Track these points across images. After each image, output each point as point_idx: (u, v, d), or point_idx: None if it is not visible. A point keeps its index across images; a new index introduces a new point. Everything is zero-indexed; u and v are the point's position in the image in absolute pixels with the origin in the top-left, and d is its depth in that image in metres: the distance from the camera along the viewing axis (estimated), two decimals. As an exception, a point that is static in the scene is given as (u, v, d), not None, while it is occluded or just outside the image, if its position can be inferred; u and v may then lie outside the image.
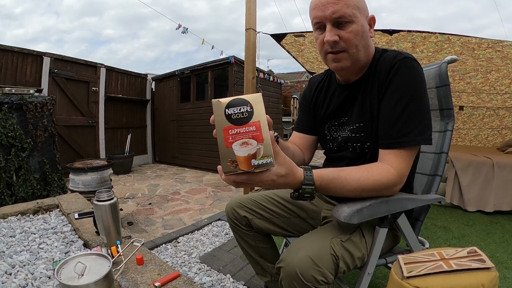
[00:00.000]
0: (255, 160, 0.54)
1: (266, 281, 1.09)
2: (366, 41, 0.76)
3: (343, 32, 0.73)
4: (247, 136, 0.53)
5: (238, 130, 0.54)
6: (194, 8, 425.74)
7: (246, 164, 0.54)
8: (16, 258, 1.05)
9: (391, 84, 0.73)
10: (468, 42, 2.15)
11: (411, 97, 0.70)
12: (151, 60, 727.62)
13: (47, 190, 2.41)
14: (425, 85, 0.73)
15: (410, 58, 0.73)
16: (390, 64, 0.74)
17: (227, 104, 0.54)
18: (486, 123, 3.59)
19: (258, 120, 0.54)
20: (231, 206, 1.05)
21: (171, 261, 1.66)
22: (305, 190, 0.63)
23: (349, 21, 0.72)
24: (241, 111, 0.54)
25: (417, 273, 0.54)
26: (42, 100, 2.40)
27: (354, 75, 0.83)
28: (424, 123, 0.71)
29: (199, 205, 2.84)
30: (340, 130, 0.88)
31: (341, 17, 0.71)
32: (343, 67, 0.78)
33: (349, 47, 0.74)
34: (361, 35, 0.74)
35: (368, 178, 0.68)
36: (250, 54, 2.24)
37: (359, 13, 0.73)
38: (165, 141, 5.60)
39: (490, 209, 2.44)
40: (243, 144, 0.53)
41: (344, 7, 0.70)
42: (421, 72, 0.73)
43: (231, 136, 0.53)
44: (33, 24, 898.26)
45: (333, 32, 0.73)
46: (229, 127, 0.54)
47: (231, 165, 0.54)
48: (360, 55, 0.76)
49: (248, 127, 0.54)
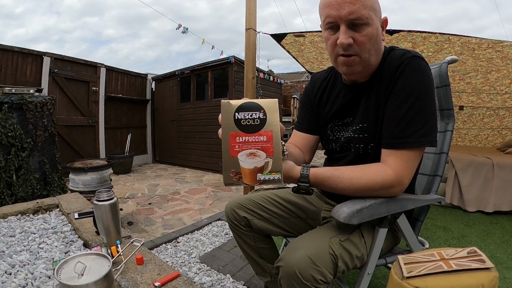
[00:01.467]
0: (262, 174, 0.49)
1: (266, 281, 1.09)
2: (379, 45, 0.73)
3: (358, 35, 0.69)
4: (256, 147, 0.48)
5: (247, 139, 0.48)
6: (195, 8, 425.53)
7: (250, 178, 0.49)
8: (16, 258, 1.05)
9: (398, 83, 0.71)
10: (468, 42, 2.15)
11: (417, 97, 0.68)
12: (151, 60, 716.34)
13: (47, 190, 2.41)
14: (432, 85, 0.71)
15: (418, 56, 0.71)
16: (397, 62, 0.72)
17: (237, 107, 0.49)
18: (486, 123, 3.59)
19: (270, 129, 0.49)
20: (230, 207, 1.04)
21: (171, 261, 1.66)
22: (301, 187, 0.68)
23: (365, 23, 0.68)
24: (252, 117, 0.48)
25: (417, 273, 0.54)
26: (42, 100, 2.39)
27: (363, 78, 0.81)
28: (429, 124, 0.69)
29: (199, 205, 2.84)
30: (343, 130, 0.87)
31: (358, 18, 0.67)
32: (354, 72, 0.75)
33: (362, 52, 0.71)
34: (375, 38, 0.71)
35: (361, 177, 0.68)
36: (250, 54, 2.24)
37: (374, 15, 0.70)
38: (165, 141, 5.60)
39: (490, 209, 2.44)
40: (251, 155, 0.48)
41: (362, 8, 0.66)
42: (429, 72, 0.71)
43: (238, 144, 0.48)
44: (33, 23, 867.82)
45: (348, 34, 0.68)
46: (237, 133, 0.48)
47: (234, 177, 0.49)
48: (372, 59, 0.74)
49: (258, 136, 0.48)
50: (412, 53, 0.72)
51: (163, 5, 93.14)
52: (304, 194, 0.71)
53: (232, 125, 0.48)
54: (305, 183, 0.68)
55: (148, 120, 5.73)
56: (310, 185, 0.69)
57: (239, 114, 0.48)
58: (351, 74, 0.77)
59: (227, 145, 0.48)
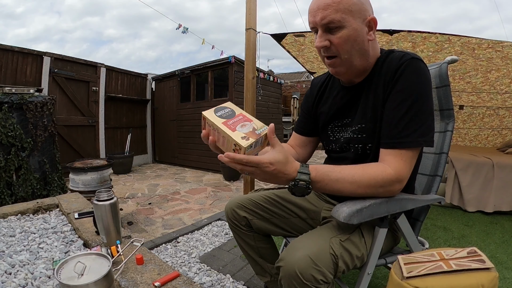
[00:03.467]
0: (257, 130, 0.66)
1: (266, 281, 1.09)
2: (361, 46, 0.74)
3: (333, 37, 0.73)
4: (240, 122, 0.67)
5: (233, 121, 0.67)
6: (197, 8, 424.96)
7: (253, 135, 0.65)
8: (16, 258, 1.05)
9: (397, 84, 0.72)
10: (468, 42, 2.15)
11: (416, 98, 0.70)
12: (152, 60, 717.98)
13: (47, 190, 2.41)
14: (430, 86, 0.73)
15: (417, 58, 0.73)
16: (396, 64, 0.73)
17: (213, 110, 0.71)
18: (486, 123, 3.59)
19: (240, 113, 0.70)
20: (230, 207, 1.05)
21: (171, 261, 1.66)
22: (301, 178, 0.65)
23: (339, 26, 0.71)
24: (225, 111, 0.70)
25: (416, 273, 0.54)
26: (42, 100, 2.39)
27: (355, 77, 0.82)
28: (427, 125, 0.70)
29: (199, 205, 2.84)
30: (342, 131, 0.88)
31: (330, 22, 0.71)
32: (338, 72, 0.80)
33: (340, 53, 0.74)
34: (353, 39, 0.72)
35: (362, 174, 0.69)
36: (250, 54, 2.24)
37: (351, 17, 0.71)
38: (165, 141, 5.60)
39: (490, 209, 2.44)
40: (243, 126, 0.66)
41: (333, 13, 0.70)
42: (427, 73, 0.72)
43: (231, 125, 0.66)
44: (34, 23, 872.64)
45: (323, 37, 0.74)
46: (225, 121, 0.67)
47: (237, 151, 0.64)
48: (354, 60, 0.75)
49: (236, 118, 0.68)
50: (411, 55, 0.73)
51: (164, 5, 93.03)
52: (302, 191, 0.66)
53: (219, 119, 0.68)
54: (305, 173, 0.65)
55: (148, 120, 5.73)
56: (311, 179, 0.65)
57: (217, 113, 0.70)
58: (337, 74, 0.82)
59: (226, 129, 0.65)
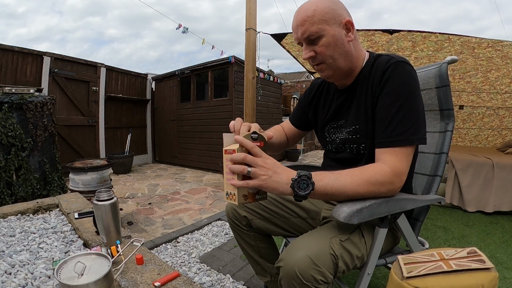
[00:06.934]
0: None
1: (266, 281, 1.09)
2: (342, 48, 0.78)
3: (317, 47, 0.78)
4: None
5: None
6: (198, 8, 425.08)
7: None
8: (16, 258, 1.05)
9: (385, 86, 0.75)
10: (468, 42, 2.15)
11: (404, 99, 0.72)
12: (153, 60, 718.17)
13: (47, 190, 2.41)
14: (418, 87, 0.75)
15: (403, 61, 0.76)
16: (383, 68, 0.76)
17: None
18: (486, 123, 3.59)
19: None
20: (231, 206, 1.05)
21: (171, 261, 1.66)
22: (301, 173, 0.66)
23: (318, 37, 0.77)
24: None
25: (416, 273, 0.54)
26: (42, 100, 2.39)
27: (345, 79, 0.86)
28: (418, 123, 0.73)
29: (199, 205, 2.84)
30: (338, 132, 0.91)
31: (310, 35, 0.77)
32: (327, 76, 0.85)
33: (325, 59, 0.80)
34: (334, 44, 0.77)
35: (361, 174, 0.70)
36: (250, 54, 2.24)
37: (327, 25, 0.76)
38: (165, 141, 5.60)
39: (490, 209, 2.44)
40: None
41: (310, 26, 0.76)
42: (414, 75, 0.75)
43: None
44: (36, 23, 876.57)
45: (308, 49, 0.80)
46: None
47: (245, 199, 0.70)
48: (339, 62, 0.80)
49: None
50: (396, 59, 0.76)
51: (166, 5, 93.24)
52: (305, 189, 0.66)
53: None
54: (305, 173, 0.66)
55: (148, 120, 5.73)
56: (311, 177, 0.66)
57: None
58: (327, 78, 0.87)
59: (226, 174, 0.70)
